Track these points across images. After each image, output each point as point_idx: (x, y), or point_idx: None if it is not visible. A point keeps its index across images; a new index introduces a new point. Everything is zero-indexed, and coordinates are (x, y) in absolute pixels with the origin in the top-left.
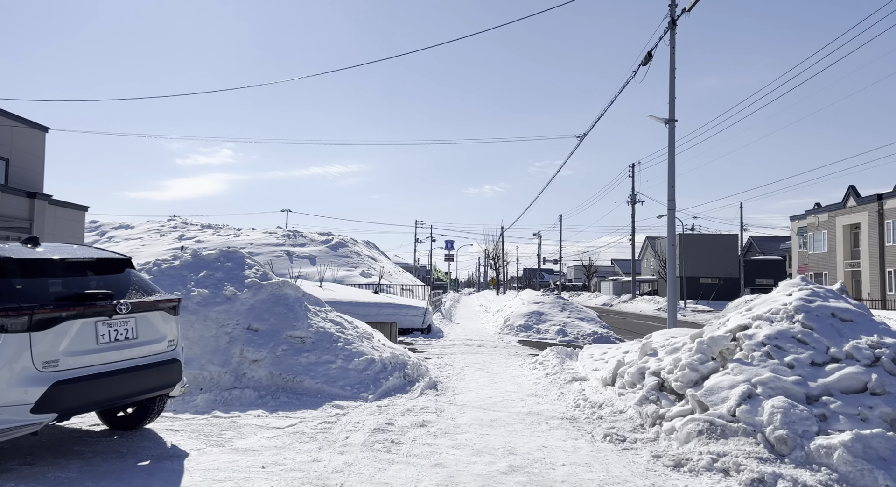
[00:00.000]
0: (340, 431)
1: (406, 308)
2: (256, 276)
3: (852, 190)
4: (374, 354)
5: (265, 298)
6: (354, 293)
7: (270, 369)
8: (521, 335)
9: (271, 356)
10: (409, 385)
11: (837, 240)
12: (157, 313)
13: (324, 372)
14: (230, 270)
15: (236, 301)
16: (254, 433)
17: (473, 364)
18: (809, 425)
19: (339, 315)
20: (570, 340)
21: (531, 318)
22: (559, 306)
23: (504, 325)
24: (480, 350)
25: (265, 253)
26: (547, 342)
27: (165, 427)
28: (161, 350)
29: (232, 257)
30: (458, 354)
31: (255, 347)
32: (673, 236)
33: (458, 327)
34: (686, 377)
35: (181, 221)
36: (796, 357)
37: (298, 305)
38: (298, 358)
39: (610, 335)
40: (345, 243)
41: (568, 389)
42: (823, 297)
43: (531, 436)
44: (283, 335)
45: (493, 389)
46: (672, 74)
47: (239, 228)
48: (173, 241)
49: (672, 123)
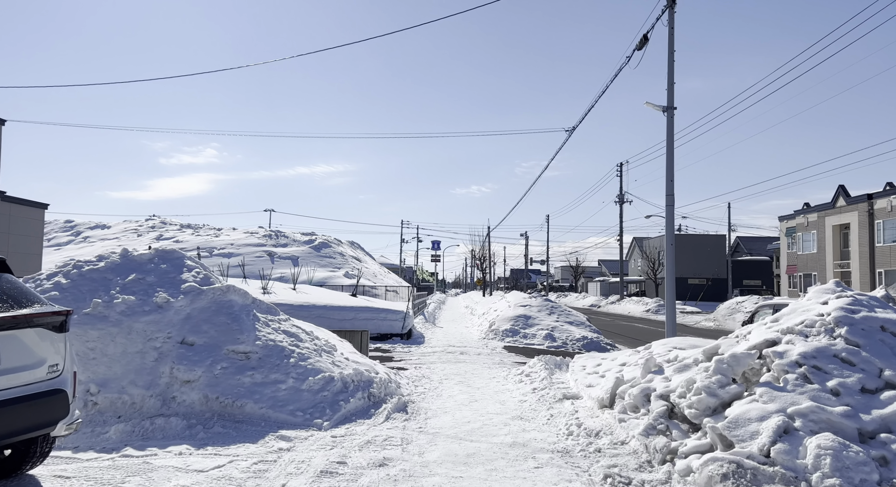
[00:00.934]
0: (278, 475)
1: (384, 312)
2: (196, 280)
3: (842, 190)
4: (333, 371)
5: (205, 306)
6: (329, 296)
7: (205, 391)
8: (506, 340)
9: (207, 375)
10: (375, 408)
11: (827, 240)
12: (32, 330)
13: (271, 395)
14: (165, 273)
15: (169, 310)
16: (166, 480)
17: (453, 376)
18: (868, 472)
19: (295, 325)
20: (558, 345)
21: (518, 322)
22: (547, 309)
23: (489, 329)
24: (463, 358)
25: (246, 254)
26: (534, 348)
27: (55, 472)
28: (37, 378)
29: (169, 258)
30: (437, 363)
31: (188, 364)
32: (672, 233)
33: (441, 331)
34: (703, 404)
35: (160, 220)
36: (842, 382)
37: (245, 314)
38: (241, 378)
39: (600, 341)
40: (328, 243)
41: (559, 410)
42: (868, 306)
43: (515, 479)
44: (225, 349)
45: (472, 410)
46: (671, 57)
47: (219, 228)
48: (151, 241)
49: (671, 111)
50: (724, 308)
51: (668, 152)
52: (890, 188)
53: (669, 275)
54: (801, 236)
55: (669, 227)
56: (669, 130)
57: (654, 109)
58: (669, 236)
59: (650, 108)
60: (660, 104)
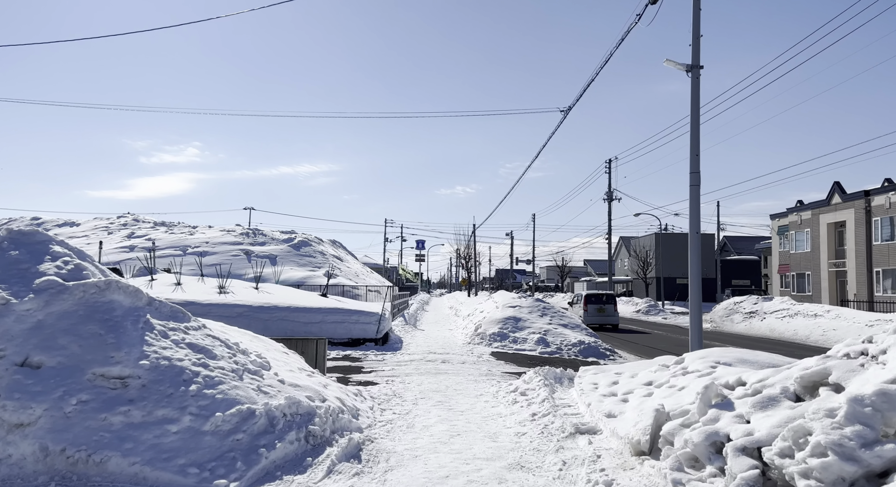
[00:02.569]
0: None
1: (357, 314)
2: (60, 272)
3: (837, 186)
4: (256, 401)
5: (68, 309)
6: (295, 297)
7: (45, 440)
8: (494, 345)
9: (52, 415)
10: (314, 454)
11: (821, 239)
12: None
13: (153, 441)
14: (14, 262)
15: (7, 316)
16: None
17: (432, 394)
18: None
19: (211, 334)
20: (552, 351)
21: (506, 325)
22: (538, 310)
23: (475, 333)
24: (444, 369)
25: (222, 252)
26: (526, 355)
27: None
28: None
29: (24, 242)
30: (414, 375)
31: (25, 398)
32: (697, 219)
33: (422, 334)
34: (832, 473)
35: (132, 218)
36: None
37: (132, 320)
38: (109, 417)
39: (598, 346)
40: (308, 241)
41: (572, 453)
42: None
43: None
44: (89, 373)
45: (453, 452)
46: (697, 3)
47: (194, 225)
48: (122, 239)
49: (696, 71)
50: (720, 309)
51: (693, 122)
52: (889, 185)
53: (694, 270)
54: (794, 234)
55: (694, 212)
56: (695, 93)
57: (676, 68)
58: (694, 221)
59: (671, 66)
60: (683, 62)
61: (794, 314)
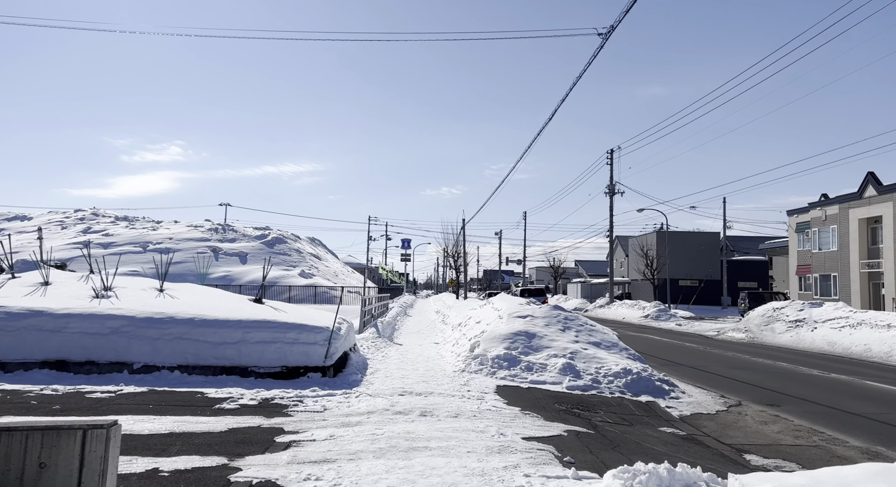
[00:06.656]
0: None
1: (296, 331)
2: None
3: (871, 178)
4: None
5: None
6: (211, 304)
7: None
8: (500, 374)
9: None
10: None
11: (851, 236)
12: None
13: None
14: None
15: None
16: None
17: None
18: None
19: None
20: (586, 385)
21: (516, 343)
22: (558, 321)
23: (471, 355)
24: (423, 432)
25: (186, 249)
26: (548, 391)
27: None
28: None
29: None
30: (368, 452)
31: None
32: None
33: (397, 353)
34: None
35: (91, 212)
36: None
37: None
38: None
39: (651, 378)
40: (283, 238)
41: None
42: None
43: None
44: None
45: None
46: None
47: (159, 220)
48: (76, 235)
49: None
50: (756, 316)
51: None
52: None
53: None
54: (818, 231)
55: None
56: None
57: None
58: None
59: None
60: None
61: (856, 323)
